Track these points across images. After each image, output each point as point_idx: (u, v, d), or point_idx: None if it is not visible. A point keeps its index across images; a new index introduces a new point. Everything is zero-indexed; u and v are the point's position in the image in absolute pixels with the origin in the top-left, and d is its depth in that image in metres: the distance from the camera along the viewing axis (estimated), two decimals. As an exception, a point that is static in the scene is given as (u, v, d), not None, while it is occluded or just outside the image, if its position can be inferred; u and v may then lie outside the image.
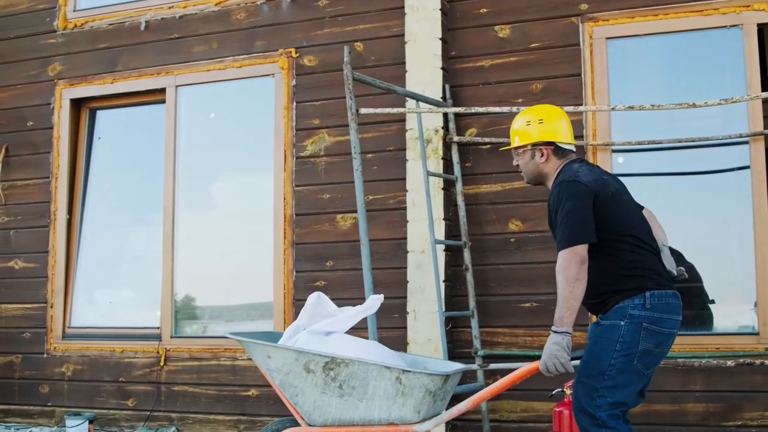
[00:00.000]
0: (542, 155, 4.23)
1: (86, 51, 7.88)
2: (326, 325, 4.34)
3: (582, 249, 3.88)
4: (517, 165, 4.38)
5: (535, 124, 4.23)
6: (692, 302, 6.20)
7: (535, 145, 4.23)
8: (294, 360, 4.10)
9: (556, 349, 3.83)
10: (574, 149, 4.32)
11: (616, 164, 6.26)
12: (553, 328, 3.88)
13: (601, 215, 3.95)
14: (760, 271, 5.87)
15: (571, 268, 3.86)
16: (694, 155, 6.29)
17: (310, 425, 4.18)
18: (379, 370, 3.99)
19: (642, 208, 4.37)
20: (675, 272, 4.13)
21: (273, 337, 4.48)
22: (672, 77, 6.48)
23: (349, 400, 4.05)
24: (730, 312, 6.15)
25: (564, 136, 4.23)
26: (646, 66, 6.49)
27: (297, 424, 4.26)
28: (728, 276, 6.17)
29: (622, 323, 3.91)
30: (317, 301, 4.43)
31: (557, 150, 4.23)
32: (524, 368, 3.89)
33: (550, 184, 4.23)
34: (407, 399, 3.98)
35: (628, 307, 3.93)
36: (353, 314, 4.39)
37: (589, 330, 4.09)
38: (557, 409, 4.67)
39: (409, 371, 3.96)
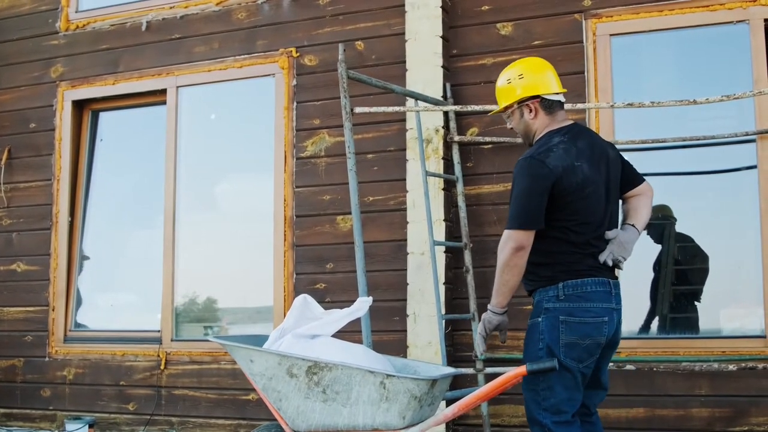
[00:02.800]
0: (530, 111, 4.08)
1: (88, 52, 7.84)
2: (312, 328, 4.25)
3: (520, 235, 3.80)
4: (511, 128, 4.25)
5: (516, 81, 4.08)
6: (697, 305, 6.10)
7: (520, 102, 4.09)
8: (277, 364, 4.01)
9: (486, 318, 4.06)
10: (563, 99, 4.16)
11: (620, 163, 6.12)
12: (490, 307, 3.98)
13: (550, 201, 3.84)
14: (766, 274, 5.72)
15: (504, 251, 3.84)
16: (701, 155, 6.16)
17: (294, 431, 4.09)
18: (363, 374, 3.88)
19: (641, 181, 4.23)
20: (606, 259, 3.95)
21: (261, 340, 4.38)
22: (677, 74, 6.35)
23: (333, 406, 3.95)
24: (737, 315, 6.02)
25: (548, 87, 4.07)
26: (651, 63, 6.36)
27: (282, 429, 4.16)
28: (735, 278, 6.04)
29: (540, 319, 3.89)
30: (304, 303, 4.34)
31: (544, 103, 4.07)
32: (511, 372, 3.78)
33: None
34: (392, 404, 3.88)
35: (543, 300, 3.88)
36: (340, 317, 4.28)
37: None
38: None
39: (393, 376, 3.86)
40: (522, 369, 3.76)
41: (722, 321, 6.04)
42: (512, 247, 3.79)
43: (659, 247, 6.18)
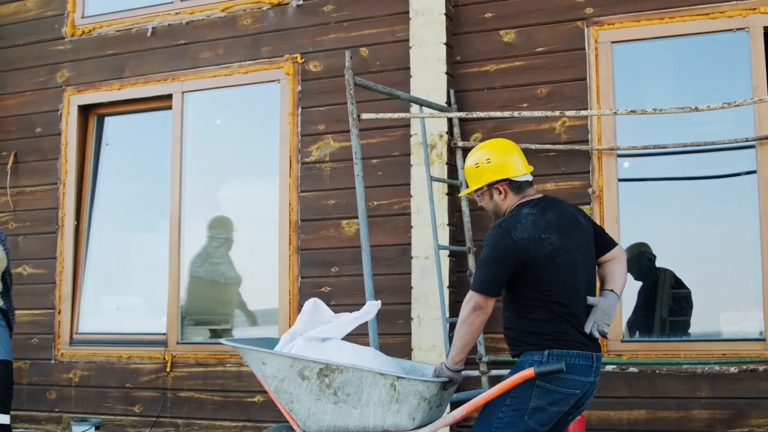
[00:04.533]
0: (500, 192, 4.17)
1: (94, 57, 7.91)
2: (322, 331, 4.32)
3: (480, 298, 3.90)
4: (482, 206, 4.36)
5: (484, 165, 4.18)
6: (695, 308, 6.18)
7: (490, 185, 4.19)
8: (289, 366, 4.09)
9: (438, 370, 4.06)
10: (531, 178, 4.25)
11: (621, 169, 6.21)
12: (445, 363, 4.03)
13: (523, 271, 3.92)
14: (766, 278, 5.81)
15: (464, 309, 3.93)
16: (702, 160, 6.25)
17: (305, 432, 4.17)
18: (374, 376, 3.96)
19: (613, 245, 4.28)
20: (592, 330, 4.01)
21: (271, 343, 4.46)
22: (678, 81, 6.44)
23: (344, 407, 4.03)
24: (737, 318, 6.09)
25: (516, 170, 4.16)
26: (652, 70, 6.45)
27: (293, 431, 4.24)
28: (734, 282, 6.11)
29: None
30: (314, 307, 4.41)
31: (512, 184, 4.16)
32: (520, 374, 3.85)
33: None
34: (402, 406, 3.96)
35: (525, 363, 3.92)
36: (350, 320, 4.36)
37: None
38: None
39: (404, 378, 3.94)
40: (530, 371, 3.83)
41: (722, 324, 6.11)
42: (472, 306, 3.91)
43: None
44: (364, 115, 5.68)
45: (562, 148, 6.24)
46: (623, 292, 4.28)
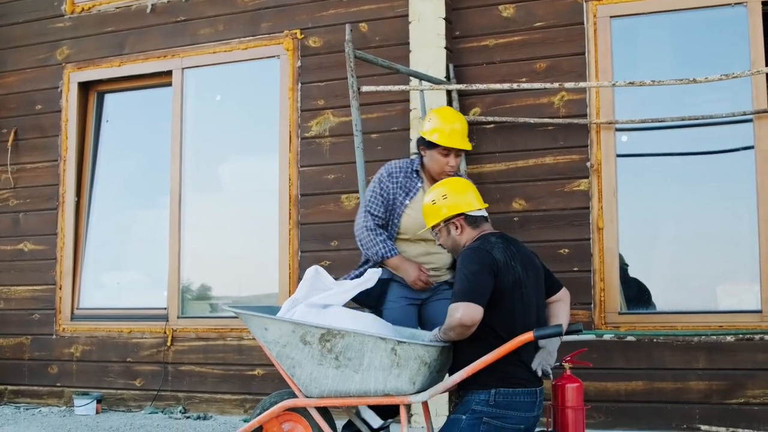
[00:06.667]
0: (456, 227, 4.28)
1: (94, 34, 7.93)
2: (324, 298, 4.36)
3: (468, 307, 3.90)
4: (440, 244, 4.43)
5: (440, 201, 4.29)
6: (693, 281, 6.22)
7: (446, 220, 4.27)
8: (291, 332, 4.13)
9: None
10: (486, 213, 4.35)
11: (619, 143, 6.25)
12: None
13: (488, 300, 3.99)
14: (763, 250, 5.85)
15: (453, 317, 3.92)
16: (700, 135, 6.28)
17: (307, 397, 4.21)
18: (375, 341, 4.01)
19: (559, 288, 4.38)
20: (537, 369, 4.12)
21: (272, 311, 4.49)
22: (676, 56, 6.46)
23: (345, 372, 4.07)
24: (734, 291, 6.14)
25: (471, 205, 4.28)
26: (651, 45, 6.47)
27: (294, 396, 4.28)
28: (732, 255, 6.15)
29: (464, 417, 4.00)
30: (315, 274, 4.45)
31: (468, 219, 4.27)
32: (518, 338, 3.90)
33: None
34: (402, 370, 4.00)
35: (472, 401, 4.00)
36: (351, 288, 4.40)
37: None
38: (556, 384, 4.66)
39: (404, 342, 3.98)
40: (529, 335, 3.89)
41: (720, 297, 6.16)
42: (459, 317, 3.90)
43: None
44: (364, 88, 5.71)
45: (561, 122, 6.28)
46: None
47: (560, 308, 4.36)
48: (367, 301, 4.82)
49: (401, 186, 4.83)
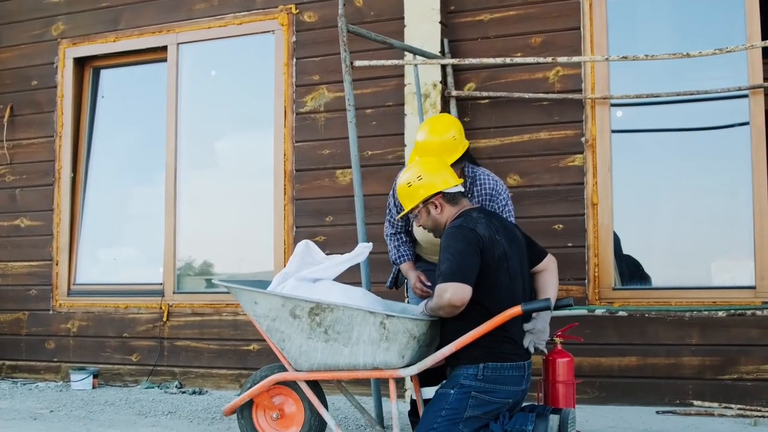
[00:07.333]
0: (436, 206, 4.27)
1: (89, 10, 7.90)
2: (314, 272, 4.38)
3: (457, 287, 3.90)
4: (421, 225, 4.42)
5: (416, 182, 4.28)
6: (687, 257, 6.22)
7: (425, 201, 4.26)
8: (280, 306, 4.14)
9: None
10: (462, 189, 4.34)
11: (614, 118, 6.23)
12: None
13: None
14: (757, 226, 5.85)
15: (442, 298, 3.92)
16: (696, 111, 6.26)
17: (296, 370, 4.23)
18: (363, 315, 4.02)
19: (544, 255, 4.38)
20: (529, 347, 4.16)
21: (263, 285, 4.51)
22: (673, 32, 6.43)
23: (335, 345, 4.09)
24: (728, 266, 6.13)
25: (447, 182, 4.27)
26: (647, 20, 6.43)
27: (285, 370, 4.30)
28: (726, 231, 6.14)
29: (452, 391, 4.00)
30: (306, 249, 4.46)
31: (447, 196, 4.27)
32: (507, 312, 3.91)
33: None
34: (391, 344, 4.01)
35: (460, 376, 4.01)
36: (341, 262, 4.42)
37: None
38: (547, 358, 4.68)
39: (393, 316, 3.99)
40: (517, 309, 3.89)
41: (714, 273, 6.15)
42: (448, 297, 3.90)
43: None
44: (357, 63, 5.69)
45: (556, 98, 6.26)
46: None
47: (548, 279, 4.36)
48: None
49: None
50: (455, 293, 3.88)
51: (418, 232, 4.82)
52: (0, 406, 6.47)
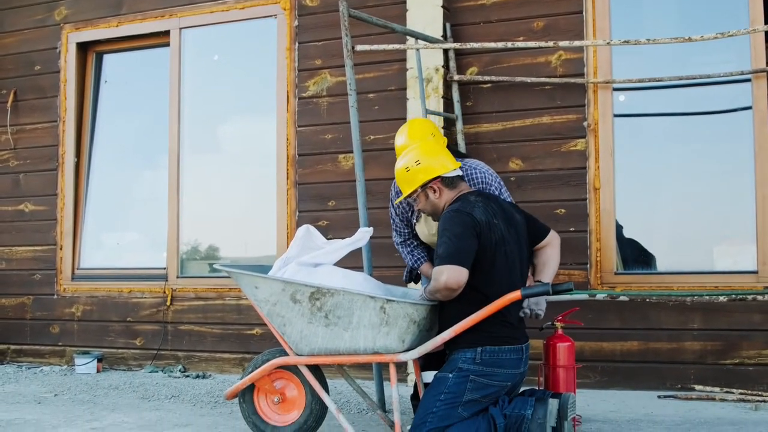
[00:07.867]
0: (434, 191, 4.27)
1: (91, -6, 7.91)
2: (315, 257, 4.38)
3: (453, 269, 3.90)
4: (419, 210, 4.42)
5: (414, 167, 4.26)
6: (689, 242, 6.22)
7: (423, 186, 4.26)
8: (281, 290, 4.15)
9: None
10: (460, 172, 4.34)
11: (617, 103, 6.22)
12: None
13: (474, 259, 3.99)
14: (760, 211, 5.85)
15: (438, 281, 3.92)
16: (699, 95, 6.24)
17: (297, 355, 4.24)
18: (364, 299, 4.02)
19: (547, 232, 4.38)
20: (527, 311, 4.22)
21: (263, 270, 4.52)
22: (676, 16, 6.42)
23: (335, 330, 4.09)
24: (731, 251, 6.13)
25: (446, 167, 4.26)
26: (649, 4, 6.42)
27: (286, 355, 4.31)
28: (729, 216, 6.14)
29: (450, 375, 4.01)
30: (306, 233, 4.46)
31: (445, 181, 4.26)
32: (506, 296, 3.91)
33: None
34: (392, 328, 4.02)
35: (459, 360, 4.01)
36: (342, 246, 4.42)
37: None
38: (548, 343, 4.69)
39: (393, 300, 3.99)
40: (517, 294, 3.90)
41: (716, 258, 6.16)
42: (445, 279, 3.91)
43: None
44: (359, 47, 5.67)
45: (558, 82, 6.24)
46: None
47: (549, 255, 4.36)
48: None
49: (406, 203, 4.82)
50: (451, 275, 3.89)
51: (423, 235, 4.83)
52: (5, 389, 6.51)
